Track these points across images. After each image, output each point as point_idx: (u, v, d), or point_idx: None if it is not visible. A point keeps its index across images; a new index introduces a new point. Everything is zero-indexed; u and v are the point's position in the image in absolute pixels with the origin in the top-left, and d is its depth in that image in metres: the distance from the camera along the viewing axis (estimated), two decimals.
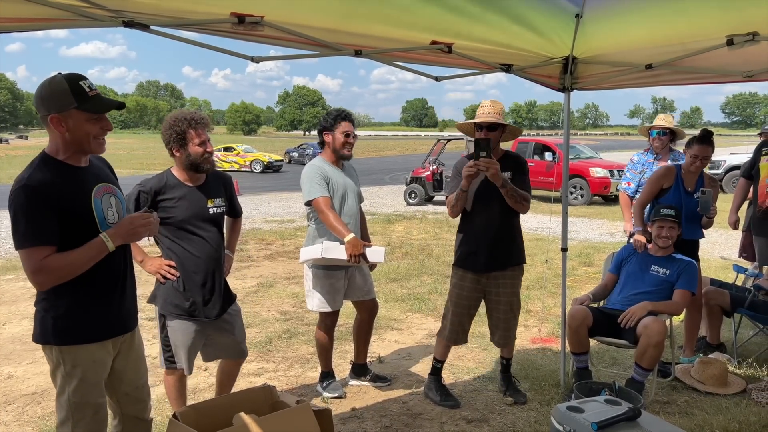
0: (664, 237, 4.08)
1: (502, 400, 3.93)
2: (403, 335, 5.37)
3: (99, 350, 2.33)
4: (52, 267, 2.11)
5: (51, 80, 2.15)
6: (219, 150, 30.42)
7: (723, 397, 3.94)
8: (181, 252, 3.03)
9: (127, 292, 2.45)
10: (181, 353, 3.12)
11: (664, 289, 4.03)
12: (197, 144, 2.98)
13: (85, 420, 2.31)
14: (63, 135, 2.16)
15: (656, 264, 4.12)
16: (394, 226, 12.09)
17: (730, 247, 9.24)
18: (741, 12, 2.83)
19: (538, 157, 16.77)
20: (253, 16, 2.53)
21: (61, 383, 2.29)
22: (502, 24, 3.13)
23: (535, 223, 12.45)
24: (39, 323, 2.27)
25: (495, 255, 3.73)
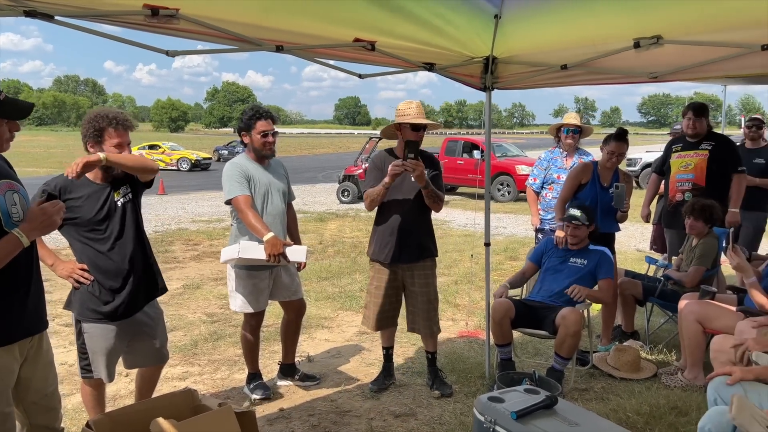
0: (571, 236, 4.30)
1: (430, 394, 3.99)
2: (334, 333, 5.36)
3: (4, 355, 2.21)
4: None
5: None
6: (143, 148, 29.36)
7: (636, 382, 4.15)
8: (92, 253, 2.90)
9: (32, 292, 2.33)
10: (100, 360, 2.99)
11: (583, 277, 4.22)
12: (113, 145, 2.85)
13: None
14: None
15: (574, 256, 4.31)
16: (326, 224, 12.04)
17: (645, 239, 9.74)
18: (646, 16, 2.99)
19: (467, 155, 17.13)
20: (168, 9, 2.45)
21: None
22: (424, 21, 3.17)
23: (464, 219, 12.71)
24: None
25: (409, 248, 3.85)
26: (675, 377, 4.14)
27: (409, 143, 3.52)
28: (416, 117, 3.69)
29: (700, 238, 4.59)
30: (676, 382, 4.09)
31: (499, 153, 17.33)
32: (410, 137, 3.69)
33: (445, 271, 7.72)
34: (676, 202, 5.06)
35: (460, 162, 16.99)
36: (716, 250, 4.58)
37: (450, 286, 6.89)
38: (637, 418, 3.58)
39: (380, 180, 3.70)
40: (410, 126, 3.70)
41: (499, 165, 16.31)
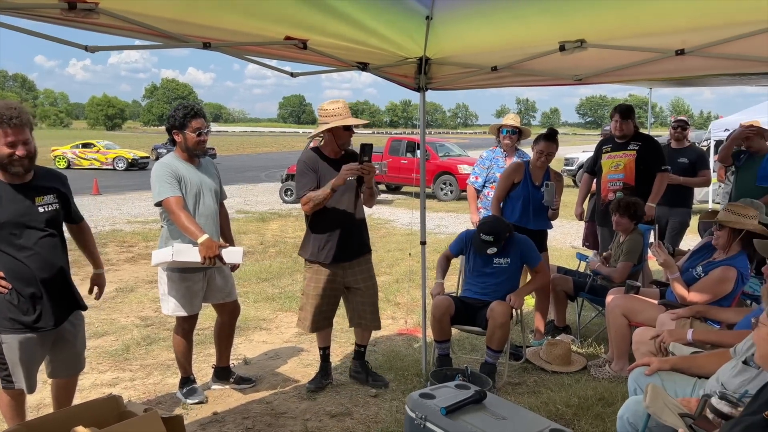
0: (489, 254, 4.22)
1: (366, 392, 4.00)
2: (272, 335, 5.30)
3: None
4: None
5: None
6: (77, 146, 28.21)
7: (567, 375, 4.29)
8: (9, 261, 2.75)
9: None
10: (20, 370, 2.85)
11: (512, 274, 4.29)
12: (6, 144, 2.66)
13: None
14: None
15: (496, 256, 4.25)
16: (268, 224, 11.89)
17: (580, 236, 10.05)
18: (570, 19, 3.09)
19: (410, 155, 17.26)
20: (86, 3, 2.36)
21: None
22: (356, 20, 3.17)
23: (407, 219, 12.80)
24: None
25: (351, 246, 3.90)
26: (603, 369, 4.30)
27: (365, 146, 3.56)
28: (347, 117, 3.72)
29: (627, 235, 4.78)
30: (604, 373, 4.25)
31: (442, 153, 17.56)
32: (343, 138, 3.74)
33: (387, 269, 7.76)
34: (608, 201, 5.25)
35: (403, 161, 17.11)
36: (641, 246, 4.78)
37: (391, 284, 6.93)
38: (566, 410, 3.70)
39: (315, 181, 3.71)
40: (343, 127, 3.71)
41: (441, 165, 16.53)
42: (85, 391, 4.00)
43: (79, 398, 3.66)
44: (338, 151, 3.83)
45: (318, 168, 3.75)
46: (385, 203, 15.85)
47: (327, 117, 3.71)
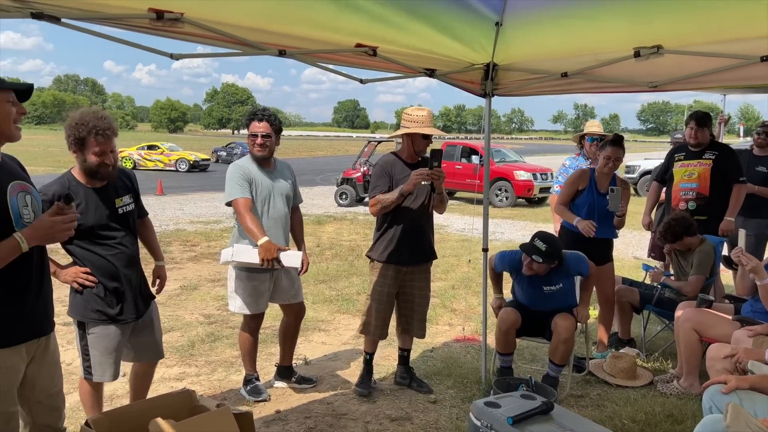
0: (527, 267, 3.94)
1: (426, 398, 4.00)
2: (330, 336, 5.37)
3: (11, 355, 2.21)
4: None
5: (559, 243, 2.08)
6: (142, 148, 29.34)
7: (632, 390, 4.17)
8: (96, 258, 2.90)
9: (42, 293, 2.34)
10: (106, 360, 3.00)
11: (568, 297, 4.12)
12: (95, 153, 2.79)
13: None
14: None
15: (545, 284, 4.03)
16: (324, 227, 12.05)
17: (643, 247, 9.76)
18: (647, 26, 3.02)
19: (465, 160, 17.17)
20: (173, 13, 2.47)
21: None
22: (425, 33, 3.20)
23: (462, 224, 12.73)
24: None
25: (419, 251, 3.93)
26: (671, 385, 4.16)
27: (435, 152, 3.60)
28: (427, 126, 3.76)
29: (695, 249, 4.61)
30: (672, 389, 4.11)
31: (498, 158, 17.39)
32: (420, 145, 3.82)
33: (443, 275, 7.73)
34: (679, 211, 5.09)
35: (458, 167, 17.02)
36: (713, 258, 4.60)
37: (447, 290, 6.91)
38: (632, 426, 3.60)
39: (389, 185, 3.76)
40: (422, 134, 3.77)
41: (497, 170, 16.35)
42: (155, 384, 4.14)
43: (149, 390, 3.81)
44: (415, 156, 3.87)
45: (394, 172, 3.81)
46: None
47: (409, 122, 3.77)
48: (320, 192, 19.24)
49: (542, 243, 3.85)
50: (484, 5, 3.14)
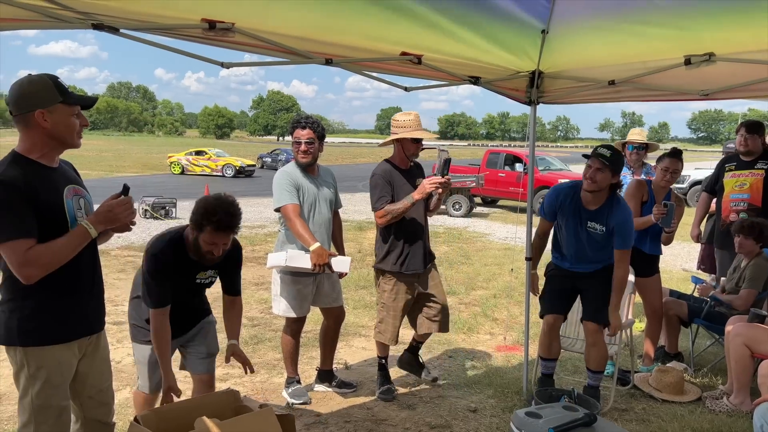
0: (589, 179, 3.63)
1: (466, 407, 3.98)
2: (371, 342, 5.37)
3: (64, 352, 2.31)
4: (38, 258, 2.10)
5: (29, 79, 2.17)
6: (190, 154, 30.09)
7: (679, 405, 4.06)
8: None
9: (95, 293, 2.43)
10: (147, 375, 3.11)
11: (605, 248, 3.80)
12: (206, 241, 2.74)
13: (48, 423, 2.29)
14: (45, 130, 2.16)
15: (591, 219, 3.76)
16: (365, 233, 12.11)
17: (692, 259, 9.49)
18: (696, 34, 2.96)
19: (508, 168, 17.01)
20: (225, 23, 2.56)
21: (24, 385, 2.26)
22: (470, 41, 3.21)
23: (504, 233, 12.61)
24: (3, 324, 2.24)
25: (424, 255, 4.00)
26: (720, 402, 4.02)
27: (447, 161, 3.71)
28: (416, 130, 3.82)
29: (750, 259, 4.46)
30: (722, 407, 3.98)
31: (542, 166, 17.15)
32: (411, 149, 3.89)
33: (484, 284, 7.68)
34: (730, 222, 4.93)
35: (501, 174, 16.89)
36: (766, 273, 4.44)
37: (488, 299, 6.86)
38: None
39: (391, 193, 3.83)
40: (412, 139, 3.84)
41: (541, 178, 16.12)
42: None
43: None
44: (407, 161, 3.95)
45: (392, 179, 3.87)
46: (480, 216, 15.71)
47: (397, 128, 3.85)
48: (362, 198, 19.33)
49: (606, 150, 3.63)
50: (531, 13, 3.13)
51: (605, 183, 3.62)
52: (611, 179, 3.63)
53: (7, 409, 3.77)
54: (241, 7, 2.54)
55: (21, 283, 2.15)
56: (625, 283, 3.87)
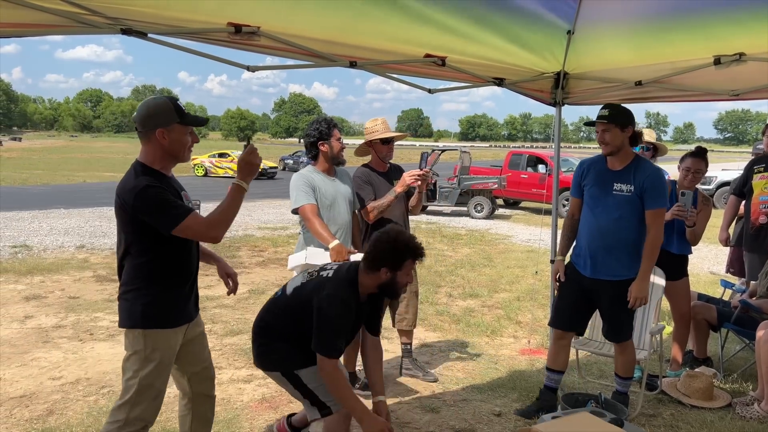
0: (601, 143, 3.52)
1: (490, 410, 3.95)
2: (393, 344, 5.38)
3: (175, 336, 2.57)
4: (216, 219, 2.48)
5: (155, 101, 2.47)
6: (213, 156, 30.39)
7: (708, 411, 3.98)
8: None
9: (196, 281, 2.70)
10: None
11: (633, 210, 3.52)
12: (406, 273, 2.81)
13: (144, 403, 2.50)
14: (163, 146, 2.46)
15: (617, 180, 3.54)
16: None
17: (720, 262, 9.32)
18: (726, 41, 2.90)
19: (531, 169, 16.88)
20: (250, 26, 2.58)
21: (136, 367, 2.48)
22: (495, 42, 3.20)
23: (527, 235, 12.52)
24: (127, 309, 2.48)
25: None
26: (751, 408, 3.94)
27: (424, 154, 3.94)
28: (384, 132, 4.02)
29: None
30: (753, 413, 3.89)
31: (565, 168, 16.97)
32: (383, 150, 4.08)
33: (507, 287, 7.63)
34: (759, 225, 4.83)
35: (524, 176, 16.76)
36: None
37: (512, 302, 6.81)
38: None
39: (374, 193, 4.02)
40: (381, 141, 4.03)
41: (565, 180, 15.90)
42: (223, 385, 4.29)
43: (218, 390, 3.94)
44: (382, 164, 4.13)
45: (372, 180, 4.05)
46: (503, 218, 15.61)
47: (368, 134, 4.09)
48: None
49: (604, 109, 3.44)
50: (556, 14, 3.11)
51: (618, 141, 3.45)
52: (622, 134, 3.45)
53: (37, 408, 3.84)
54: (266, 10, 2.56)
55: (145, 273, 2.45)
56: (657, 248, 3.54)
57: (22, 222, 12.05)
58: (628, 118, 3.45)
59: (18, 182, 22.38)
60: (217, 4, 2.47)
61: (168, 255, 2.50)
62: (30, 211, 13.64)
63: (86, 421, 3.64)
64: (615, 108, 3.44)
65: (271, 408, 3.95)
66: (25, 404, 3.90)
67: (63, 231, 11.11)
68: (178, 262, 2.53)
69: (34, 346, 4.99)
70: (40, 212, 13.62)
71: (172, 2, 2.39)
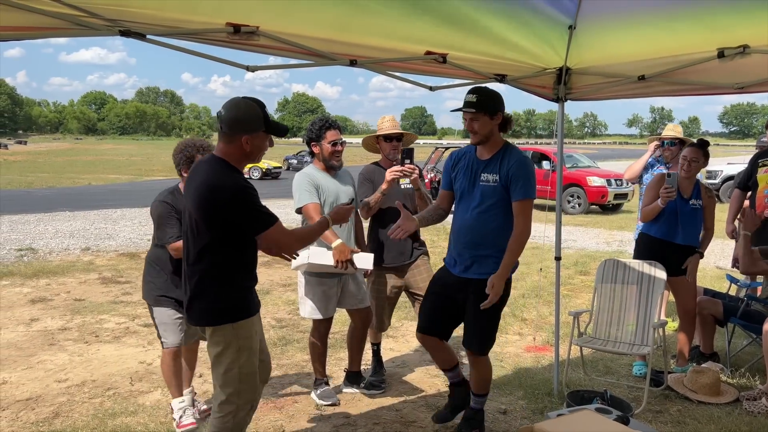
0: (470, 132, 3.21)
1: (496, 409, 3.94)
2: (399, 343, 5.38)
3: (258, 321, 2.73)
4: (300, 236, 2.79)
5: (246, 105, 2.51)
6: None
7: (715, 407, 3.95)
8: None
9: None
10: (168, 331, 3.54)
11: (498, 201, 3.21)
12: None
13: (250, 387, 2.64)
14: (243, 151, 2.53)
15: (484, 170, 3.25)
16: None
17: (726, 256, 9.27)
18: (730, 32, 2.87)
19: (535, 166, 16.81)
20: (249, 26, 2.57)
21: (231, 359, 2.57)
22: (496, 35, 3.17)
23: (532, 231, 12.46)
24: (213, 308, 2.57)
25: (408, 250, 4.10)
26: (758, 403, 3.91)
27: (406, 150, 3.86)
28: (389, 129, 4.03)
29: None
30: (760, 408, 3.87)
31: (570, 164, 16.94)
32: (385, 148, 4.07)
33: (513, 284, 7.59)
34: (765, 218, 4.80)
35: None
36: None
37: (517, 299, 6.78)
38: None
39: (371, 190, 4.02)
40: (384, 137, 4.05)
41: (569, 176, 15.91)
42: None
43: None
44: (388, 161, 4.10)
45: (374, 178, 4.06)
46: None
47: (378, 131, 4.11)
48: None
49: (471, 95, 3.10)
50: (557, 9, 3.08)
51: (486, 129, 3.14)
52: (491, 122, 3.13)
53: (43, 410, 3.85)
54: (264, 10, 2.55)
55: (228, 268, 2.54)
56: (522, 243, 3.25)
57: (28, 225, 12.09)
58: (497, 104, 3.13)
59: (23, 185, 22.47)
60: (215, 5, 2.47)
61: (248, 249, 2.61)
62: (35, 214, 13.69)
63: (92, 423, 3.65)
64: (483, 93, 3.12)
65: (276, 408, 3.95)
66: (31, 407, 3.91)
67: (68, 233, 11.14)
68: (253, 254, 2.66)
69: (40, 349, 5.01)
70: (45, 215, 13.67)
71: (170, 3, 2.38)
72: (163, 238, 3.37)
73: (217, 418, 2.63)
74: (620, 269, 4.36)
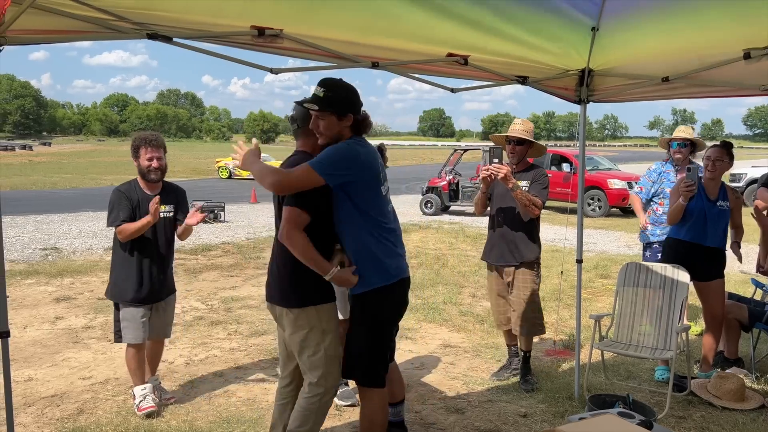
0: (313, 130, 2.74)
1: (516, 411, 3.92)
2: (417, 345, 5.38)
3: (336, 308, 2.83)
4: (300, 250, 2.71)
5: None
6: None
7: (740, 413, 3.89)
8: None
9: None
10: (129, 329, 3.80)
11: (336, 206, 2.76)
12: (146, 158, 3.72)
13: (336, 370, 2.75)
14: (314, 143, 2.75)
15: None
16: (409, 235, 12.09)
17: (750, 260, 9.09)
18: (758, 26, 2.83)
19: (555, 168, 16.69)
20: (273, 29, 2.60)
21: (317, 342, 2.69)
22: (518, 38, 3.16)
23: (552, 234, 12.39)
24: (293, 290, 2.70)
25: (508, 251, 4.27)
26: None
27: (492, 150, 3.96)
28: (515, 132, 4.20)
29: None
30: None
31: (590, 166, 16.76)
32: (507, 149, 4.24)
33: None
34: None
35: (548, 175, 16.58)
36: None
37: None
38: None
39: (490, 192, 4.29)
40: (505, 138, 4.27)
41: (590, 179, 15.76)
42: (249, 384, 4.33)
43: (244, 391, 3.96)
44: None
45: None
46: None
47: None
48: (405, 200, 19.32)
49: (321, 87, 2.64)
50: (580, 11, 3.06)
51: (334, 131, 2.68)
52: (339, 124, 2.66)
53: (68, 407, 3.92)
54: (289, 13, 2.57)
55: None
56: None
57: (52, 225, 12.30)
58: (347, 105, 2.66)
59: (48, 186, 22.86)
60: (241, 7, 2.49)
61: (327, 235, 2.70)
62: (60, 214, 13.92)
63: (115, 421, 3.70)
64: (331, 89, 2.63)
65: None
66: (56, 404, 3.98)
67: (91, 233, 11.31)
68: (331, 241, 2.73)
69: (64, 347, 5.09)
70: (69, 215, 13.89)
71: (197, 6, 2.42)
72: (113, 221, 3.67)
73: (305, 398, 2.75)
74: (642, 272, 4.32)
